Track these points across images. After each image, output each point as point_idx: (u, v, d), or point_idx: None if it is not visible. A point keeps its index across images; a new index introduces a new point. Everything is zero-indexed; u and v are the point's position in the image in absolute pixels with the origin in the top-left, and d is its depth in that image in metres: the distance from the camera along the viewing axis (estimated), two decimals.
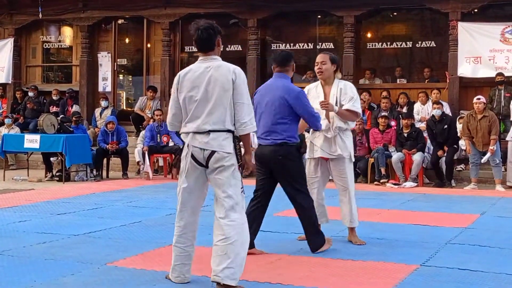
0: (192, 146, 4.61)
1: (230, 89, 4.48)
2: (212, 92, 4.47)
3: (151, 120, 14.18)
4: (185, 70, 4.65)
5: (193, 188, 4.74)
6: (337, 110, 6.03)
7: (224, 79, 4.48)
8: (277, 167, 5.62)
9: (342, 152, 6.12)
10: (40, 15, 16.03)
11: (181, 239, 4.70)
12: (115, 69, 16.68)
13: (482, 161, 11.45)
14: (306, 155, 6.34)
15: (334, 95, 6.13)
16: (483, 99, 11.74)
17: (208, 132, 4.49)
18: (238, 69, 4.58)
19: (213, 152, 4.50)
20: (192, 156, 4.62)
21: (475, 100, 11.70)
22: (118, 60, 16.75)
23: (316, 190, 6.21)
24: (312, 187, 6.13)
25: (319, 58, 6.20)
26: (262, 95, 5.71)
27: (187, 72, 4.59)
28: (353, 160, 6.31)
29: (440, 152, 11.88)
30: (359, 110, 6.13)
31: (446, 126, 11.99)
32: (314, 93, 6.24)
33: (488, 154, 11.34)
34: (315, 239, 5.73)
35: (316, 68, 6.20)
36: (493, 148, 11.32)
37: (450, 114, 12.75)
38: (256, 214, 5.69)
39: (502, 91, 12.71)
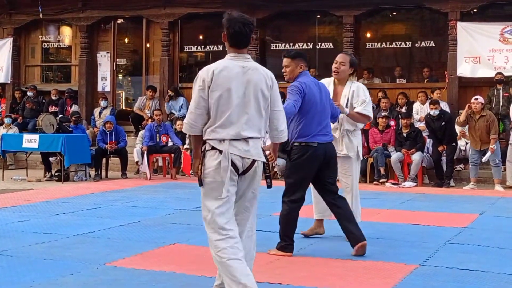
0: (232, 154, 3.96)
1: (268, 96, 4.24)
2: (251, 96, 4.13)
3: (150, 120, 14.18)
4: (218, 66, 4.25)
5: (231, 200, 4.02)
6: (348, 112, 6.06)
7: (264, 85, 4.25)
8: (334, 163, 5.73)
9: (348, 152, 6.19)
10: (41, 15, 16.03)
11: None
12: (114, 68, 16.67)
13: (483, 160, 11.44)
14: None
15: (345, 96, 6.17)
16: (481, 99, 11.74)
17: (248, 139, 4.03)
18: (272, 74, 4.45)
19: (254, 161, 4.05)
20: (233, 165, 3.96)
21: (473, 100, 11.70)
22: (117, 59, 16.74)
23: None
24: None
25: (340, 57, 6.24)
26: (314, 93, 5.60)
27: (222, 69, 4.19)
28: (361, 158, 6.35)
29: (440, 148, 11.88)
30: (371, 114, 6.18)
31: (444, 123, 11.95)
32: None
33: (489, 153, 11.34)
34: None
35: (334, 66, 6.22)
36: (494, 147, 11.32)
37: (449, 111, 12.71)
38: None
39: (501, 91, 12.71)
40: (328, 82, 6.30)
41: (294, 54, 5.76)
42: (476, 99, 11.68)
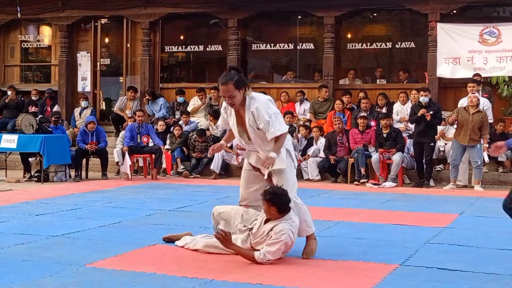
0: None
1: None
2: None
3: (131, 120, 14.13)
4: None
5: None
6: (275, 156, 5.37)
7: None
8: None
9: (280, 166, 5.51)
10: (19, 15, 15.90)
11: None
12: (99, 68, 16.56)
13: (487, 160, 11.66)
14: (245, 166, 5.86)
15: (248, 124, 5.43)
16: (477, 95, 11.82)
17: None
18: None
19: None
20: None
21: (470, 94, 11.75)
22: (101, 60, 16.62)
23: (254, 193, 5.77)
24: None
25: (223, 91, 5.33)
26: None
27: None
28: (295, 163, 5.71)
29: (423, 111, 11.69)
30: (282, 130, 5.38)
31: (432, 112, 11.84)
32: (226, 114, 5.66)
33: (485, 153, 11.47)
34: None
35: (225, 101, 5.47)
36: (486, 146, 11.43)
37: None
38: None
39: (480, 92, 12.80)
40: (228, 109, 5.61)
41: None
42: (474, 93, 11.77)
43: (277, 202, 5.21)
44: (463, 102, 12.20)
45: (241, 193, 5.84)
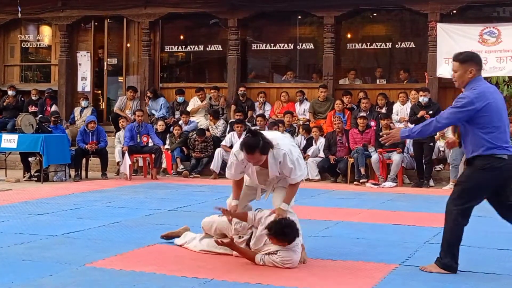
0: None
1: None
2: None
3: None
4: None
5: None
6: (287, 208, 5.34)
7: None
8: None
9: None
10: (19, 15, 15.89)
11: None
12: (106, 68, 16.53)
13: None
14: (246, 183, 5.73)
15: (272, 172, 5.34)
16: None
17: None
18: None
19: None
20: None
21: None
22: (108, 59, 16.59)
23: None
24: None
25: (250, 159, 5.17)
26: (496, 98, 5.10)
27: None
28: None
29: (422, 112, 11.74)
30: (302, 175, 5.37)
31: (431, 112, 11.83)
32: (246, 162, 5.35)
33: None
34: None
35: (254, 164, 5.28)
36: None
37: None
38: None
39: None
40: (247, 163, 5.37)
41: (463, 57, 5.26)
42: None
43: (288, 236, 5.12)
44: None
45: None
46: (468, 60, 5.20)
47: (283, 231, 5.09)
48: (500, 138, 5.00)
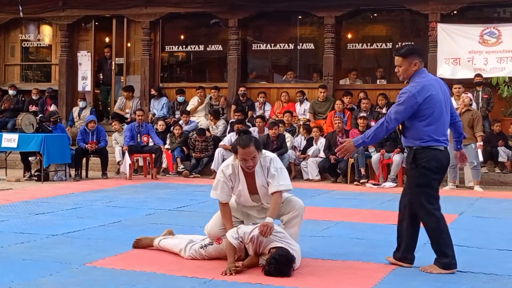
0: None
1: None
2: None
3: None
4: None
5: None
6: (271, 221, 5.13)
7: None
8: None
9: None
10: (21, 14, 15.89)
11: None
12: (113, 68, 16.51)
13: (481, 159, 11.52)
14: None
15: (261, 184, 5.32)
16: (470, 95, 11.80)
17: None
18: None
19: None
20: None
21: (462, 94, 11.74)
22: (116, 59, 16.56)
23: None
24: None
25: (246, 154, 5.19)
26: (437, 91, 5.19)
27: None
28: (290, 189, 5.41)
29: None
30: (285, 186, 5.27)
31: None
32: (235, 177, 5.37)
33: (479, 151, 11.43)
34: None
35: (246, 165, 5.24)
36: (481, 143, 11.41)
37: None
38: None
39: (480, 93, 12.82)
40: (235, 168, 5.37)
41: (406, 51, 5.24)
42: (466, 93, 11.75)
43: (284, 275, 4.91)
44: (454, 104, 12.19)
45: (211, 229, 5.51)
46: (412, 53, 5.24)
47: (281, 270, 4.89)
48: (438, 130, 5.12)
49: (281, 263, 4.88)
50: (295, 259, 4.98)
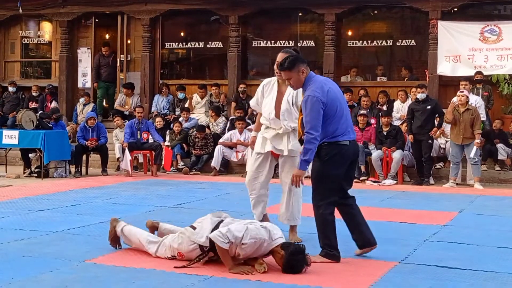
0: None
1: None
2: None
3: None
4: None
5: None
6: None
7: None
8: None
9: (294, 148, 5.94)
10: (20, 10, 15.88)
11: None
12: (119, 64, 16.48)
13: (472, 155, 11.39)
14: (255, 149, 6.25)
15: (290, 94, 5.92)
16: (466, 93, 11.77)
17: None
18: None
19: None
20: None
21: (458, 93, 11.73)
22: (121, 56, 16.53)
23: (259, 185, 6.17)
24: (256, 181, 6.16)
25: (280, 58, 5.68)
26: (331, 86, 5.33)
27: None
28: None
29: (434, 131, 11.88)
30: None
31: (429, 107, 11.83)
32: (268, 89, 6.15)
33: (475, 148, 11.38)
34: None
35: (276, 67, 5.79)
36: (479, 141, 11.40)
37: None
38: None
39: (480, 90, 12.82)
40: (270, 82, 6.14)
41: (289, 64, 5.28)
42: (462, 91, 11.73)
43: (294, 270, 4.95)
44: (455, 100, 12.20)
45: (249, 181, 6.19)
46: (295, 63, 5.28)
47: (292, 264, 4.91)
48: (341, 124, 5.25)
49: (297, 260, 4.91)
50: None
